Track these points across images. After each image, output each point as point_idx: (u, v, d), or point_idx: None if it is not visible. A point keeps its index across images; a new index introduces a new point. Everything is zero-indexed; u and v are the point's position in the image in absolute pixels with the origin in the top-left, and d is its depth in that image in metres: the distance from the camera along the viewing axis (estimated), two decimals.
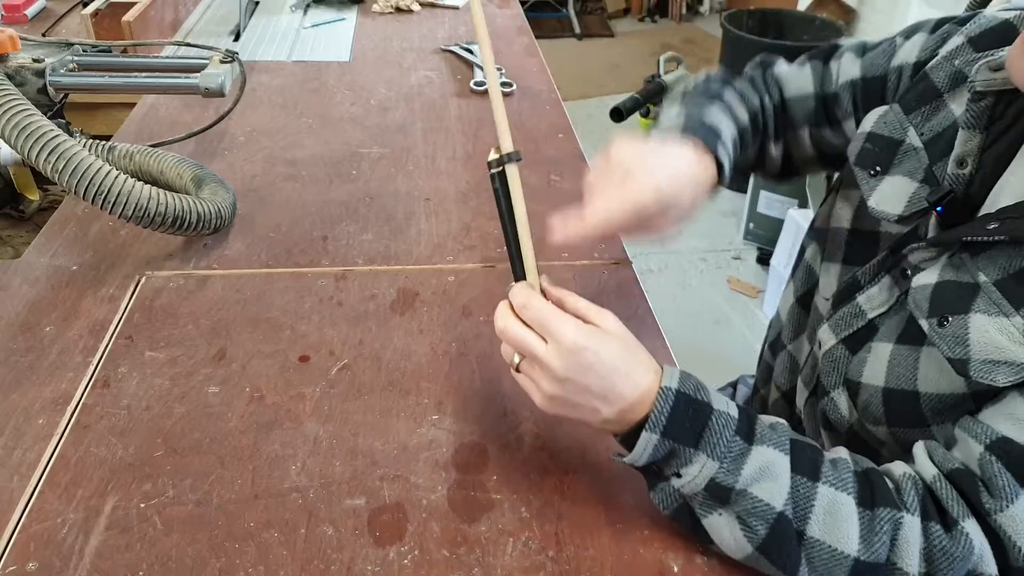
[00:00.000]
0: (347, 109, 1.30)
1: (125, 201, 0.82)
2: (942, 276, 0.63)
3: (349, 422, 0.72)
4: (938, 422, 0.62)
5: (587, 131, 3.32)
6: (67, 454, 0.67)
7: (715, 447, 0.56)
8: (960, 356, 0.58)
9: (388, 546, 0.61)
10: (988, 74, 0.63)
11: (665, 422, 0.56)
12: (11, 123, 0.79)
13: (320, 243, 0.96)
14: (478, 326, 0.84)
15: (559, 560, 0.61)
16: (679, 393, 0.57)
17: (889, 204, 0.69)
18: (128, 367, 0.77)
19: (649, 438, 0.56)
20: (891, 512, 0.54)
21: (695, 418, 0.56)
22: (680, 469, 0.57)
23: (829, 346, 0.73)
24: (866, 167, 0.72)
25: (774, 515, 0.55)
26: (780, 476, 0.55)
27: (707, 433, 0.56)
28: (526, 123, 1.26)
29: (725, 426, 0.56)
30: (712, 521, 0.57)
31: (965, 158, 0.64)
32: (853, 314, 0.71)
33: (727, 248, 2.64)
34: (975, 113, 0.64)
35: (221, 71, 1.00)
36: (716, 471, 0.55)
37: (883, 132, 0.72)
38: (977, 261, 0.60)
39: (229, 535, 0.61)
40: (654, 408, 0.56)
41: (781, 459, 0.56)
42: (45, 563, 0.59)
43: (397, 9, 1.78)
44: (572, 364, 0.56)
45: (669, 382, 0.57)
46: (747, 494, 0.55)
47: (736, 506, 0.56)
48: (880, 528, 0.54)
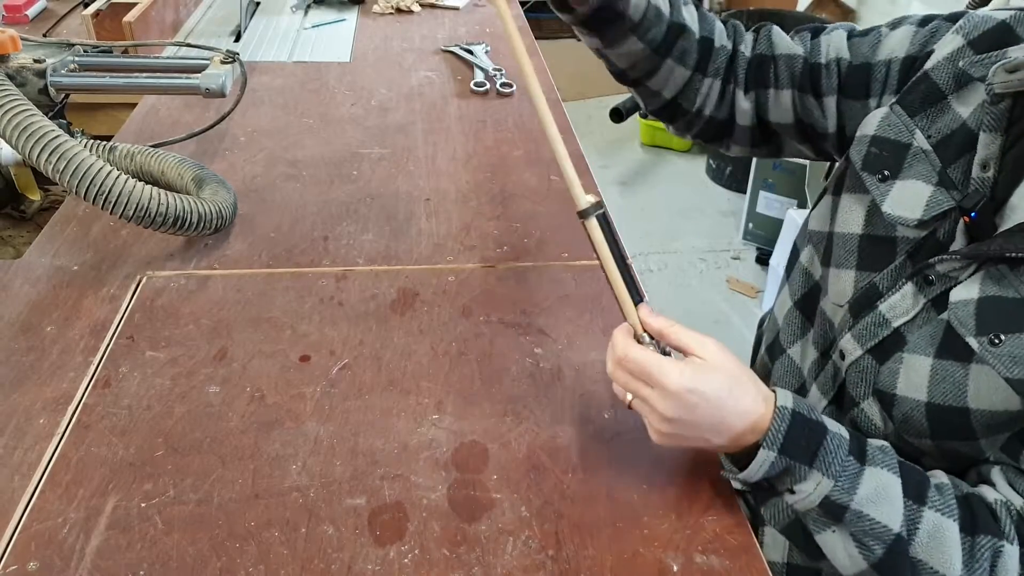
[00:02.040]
0: (348, 109, 1.30)
1: (126, 201, 0.82)
2: (984, 291, 0.62)
3: (349, 422, 0.72)
4: (988, 435, 0.63)
5: (587, 131, 3.32)
6: (68, 454, 0.68)
7: (830, 466, 0.58)
8: (1018, 376, 0.59)
9: (388, 545, 0.61)
10: (1005, 76, 0.63)
11: (782, 440, 0.58)
12: (12, 123, 0.79)
13: (321, 243, 0.96)
14: (478, 326, 0.84)
15: (559, 560, 0.61)
16: (795, 413, 0.59)
17: (906, 209, 0.69)
18: (129, 367, 0.77)
19: (766, 456, 0.58)
20: (991, 540, 0.57)
21: (811, 437, 0.59)
22: (794, 486, 0.59)
23: (855, 356, 0.72)
24: (874, 172, 0.71)
25: (891, 537, 0.57)
26: (895, 499, 0.58)
27: (822, 452, 0.58)
28: (526, 123, 1.26)
29: (839, 446, 0.59)
30: (826, 538, 0.59)
31: (988, 161, 0.64)
32: (877, 323, 0.71)
33: (726, 248, 2.64)
34: (994, 116, 0.63)
35: (222, 72, 1.00)
36: (831, 489, 0.58)
37: (888, 135, 0.71)
38: (1019, 274, 0.60)
39: (230, 534, 0.61)
40: (771, 427, 0.59)
41: (895, 482, 0.58)
42: (46, 563, 0.59)
43: (397, 10, 1.78)
44: (678, 406, 0.58)
45: (784, 402, 0.60)
46: (863, 515, 0.57)
47: (851, 526, 0.58)
48: (981, 555, 0.56)
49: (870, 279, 0.72)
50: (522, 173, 1.12)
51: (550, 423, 0.72)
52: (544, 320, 0.85)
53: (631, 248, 0.98)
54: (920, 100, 0.70)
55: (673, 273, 2.52)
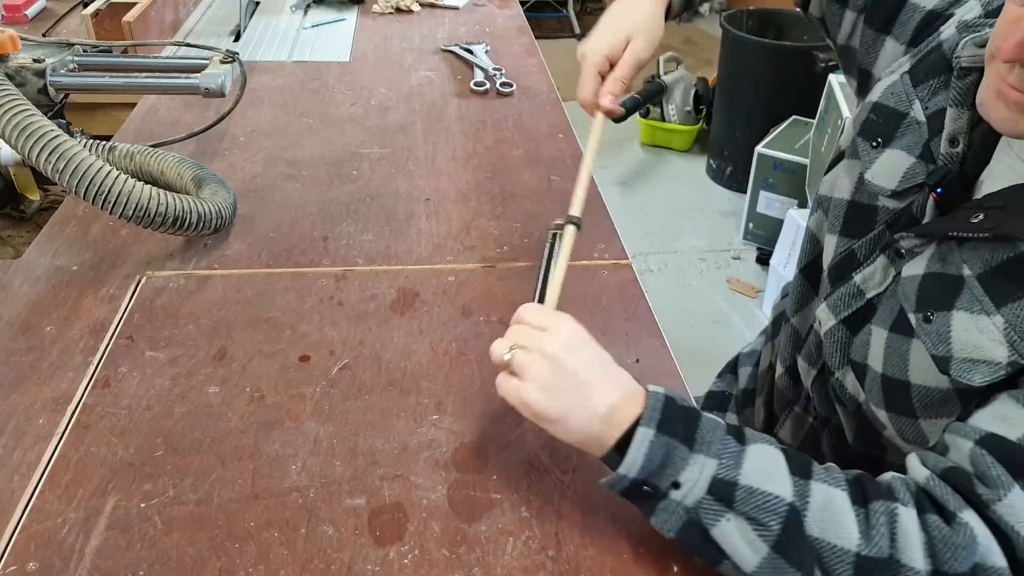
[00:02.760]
0: (347, 109, 1.30)
1: (125, 201, 0.82)
2: (929, 267, 0.63)
3: (349, 422, 0.72)
4: (926, 416, 0.63)
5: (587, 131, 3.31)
6: (67, 454, 0.67)
7: (710, 445, 0.55)
8: (943, 354, 0.59)
9: (388, 546, 0.61)
10: (974, 50, 0.62)
11: (659, 417, 0.56)
12: (11, 123, 0.79)
13: (320, 243, 0.96)
14: (478, 326, 0.84)
15: (559, 560, 0.61)
16: (667, 396, 0.58)
17: (884, 178, 0.69)
18: (128, 367, 0.77)
19: (645, 434, 0.55)
20: (885, 504, 0.54)
21: (686, 420, 0.56)
22: (678, 476, 0.55)
23: (829, 326, 0.73)
24: (869, 138, 0.71)
25: (785, 507, 0.53)
26: (781, 471, 0.55)
27: (699, 434, 0.56)
28: (526, 123, 1.26)
29: (716, 427, 0.57)
30: (722, 529, 0.54)
31: (956, 136, 0.63)
32: (851, 294, 0.71)
33: (727, 248, 2.64)
34: (961, 90, 0.63)
35: (221, 71, 1.00)
36: (717, 468, 0.54)
37: (888, 103, 0.71)
38: (963, 251, 0.60)
39: (229, 535, 0.61)
40: (647, 404, 0.56)
41: (778, 456, 0.56)
42: (45, 563, 0.59)
43: (397, 9, 1.78)
44: (567, 346, 0.59)
45: (655, 388, 0.58)
46: (753, 491, 0.54)
47: (744, 505, 0.54)
48: (876, 520, 0.53)
49: (850, 246, 0.72)
50: (522, 173, 1.12)
51: None
52: None
53: (631, 248, 0.98)
54: (927, 70, 0.69)
55: (673, 273, 2.52)
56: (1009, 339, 0.55)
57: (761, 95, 2.71)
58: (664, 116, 3.16)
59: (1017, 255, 0.56)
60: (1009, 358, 0.55)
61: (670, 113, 3.14)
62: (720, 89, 2.93)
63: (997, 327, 0.56)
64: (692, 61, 3.68)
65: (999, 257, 0.57)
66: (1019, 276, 0.56)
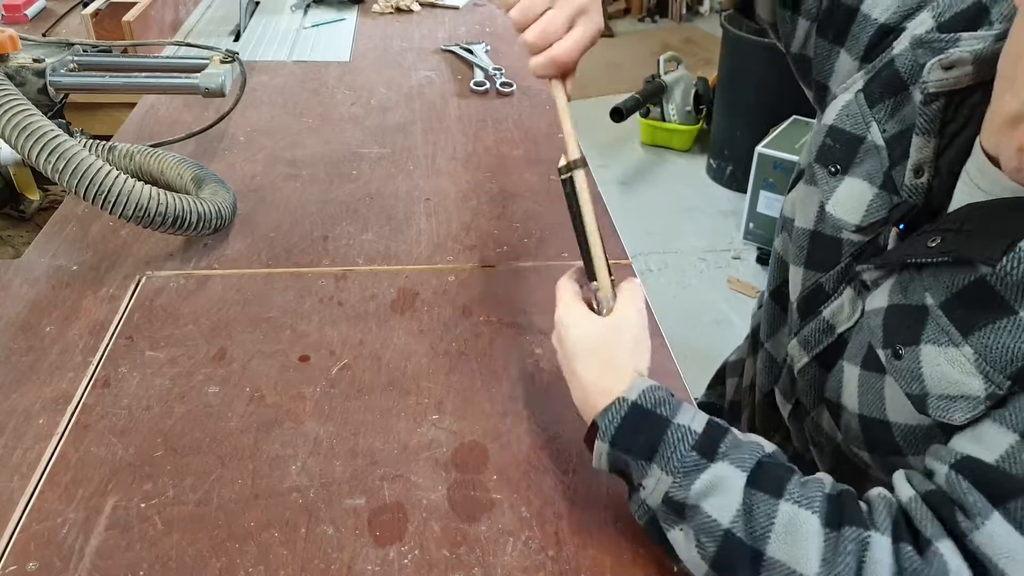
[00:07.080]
0: (347, 109, 1.30)
1: (125, 201, 0.82)
2: (891, 299, 0.60)
3: (349, 422, 0.72)
4: (914, 452, 0.60)
5: (587, 131, 3.32)
6: (67, 454, 0.67)
7: (668, 461, 0.54)
8: (917, 392, 0.56)
9: (388, 546, 0.61)
10: (941, 74, 0.57)
11: (614, 433, 0.56)
12: (11, 123, 0.79)
13: (320, 243, 0.96)
14: (478, 326, 0.84)
15: (559, 560, 0.61)
16: (634, 405, 0.56)
17: (847, 212, 0.65)
18: (128, 367, 0.77)
19: (600, 447, 0.57)
20: (857, 531, 0.51)
21: (649, 432, 0.55)
22: (641, 480, 0.56)
23: (802, 363, 0.71)
24: (826, 164, 0.68)
25: (720, 532, 0.52)
26: (729, 492, 0.53)
27: (662, 447, 0.55)
28: (526, 123, 1.26)
29: (681, 440, 0.55)
30: (674, 536, 0.56)
31: (921, 166, 0.60)
32: (821, 329, 0.69)
33: (727, 248, 2.64)
34: (928, 117, 0.59)
35: (221, 71, 1.00)
36: (669, 486, 0.54)
37: (845, 126, 0.67)
38: (923, 279, 0.57)
39: (229, 535, 0.61)
40: (605, 417, 0.57)
41: (735, 475, 0.53)
42: (45, 563, 0.59)
43: (397, 9, 1.78)
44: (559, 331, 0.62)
45: (628, 394, 0.57)
46: (699, 510, 0.53)
47: (691, 522, 0.54)
48: (844, 549, 0.50)
49: (817, 279, 0.70)
50: (522, 173, 1.12)
51: (550, 423, 0.72)
52: (544, 320, 0.84)
53: (631, 248, 0.98)
54: (881, 89, 0.64)
55: (673, 273, 2.52)
56: (982, 370, 0.52)
57: (761, 95, 2.71)
58: (664, 116, 3.16)
59: (978, 279, 0.53)
60: (987, 390, 0.51)
61: (670, 113, 3.14)
62: (720, 89, 2.93)
63: (967, 358, 0.52)
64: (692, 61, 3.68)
65: (960, 282, 0.54)
66: (982, 301, 0.52)
